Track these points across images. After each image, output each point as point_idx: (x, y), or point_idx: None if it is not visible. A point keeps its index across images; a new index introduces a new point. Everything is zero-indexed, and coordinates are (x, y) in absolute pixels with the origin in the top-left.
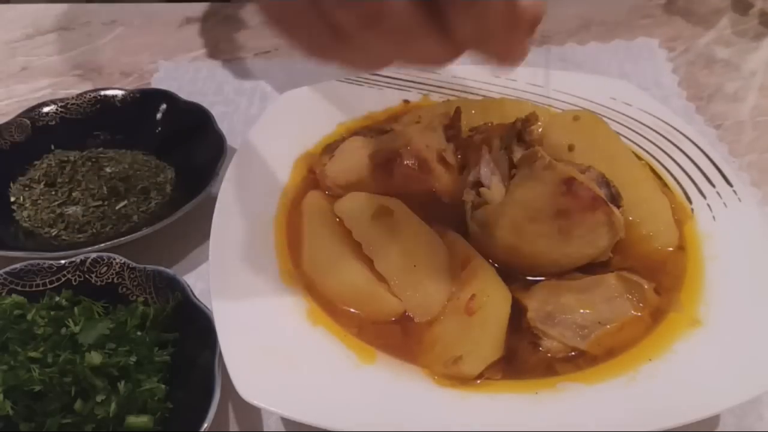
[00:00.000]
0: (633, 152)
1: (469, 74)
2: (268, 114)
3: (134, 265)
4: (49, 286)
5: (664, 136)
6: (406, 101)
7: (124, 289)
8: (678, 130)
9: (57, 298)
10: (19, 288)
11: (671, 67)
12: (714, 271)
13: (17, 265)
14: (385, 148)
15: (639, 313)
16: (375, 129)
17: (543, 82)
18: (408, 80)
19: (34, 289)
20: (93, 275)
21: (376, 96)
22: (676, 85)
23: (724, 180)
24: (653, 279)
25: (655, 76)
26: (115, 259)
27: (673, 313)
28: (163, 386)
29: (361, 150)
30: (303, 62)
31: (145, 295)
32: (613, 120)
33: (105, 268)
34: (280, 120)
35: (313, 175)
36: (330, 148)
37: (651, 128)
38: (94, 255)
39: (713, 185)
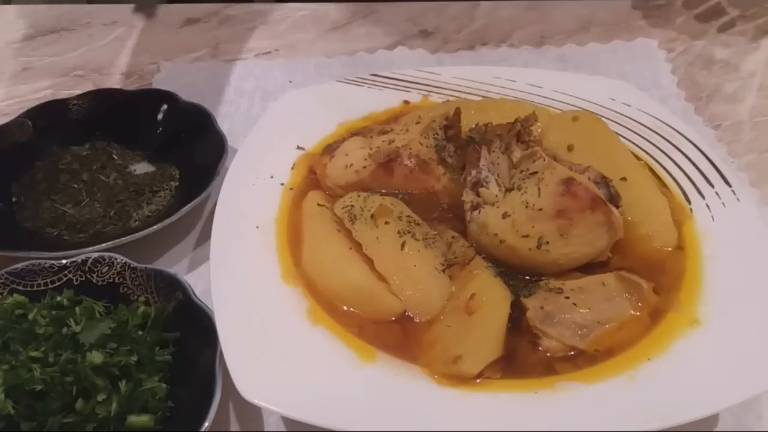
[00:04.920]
0: (632, 152)
1: (469, 75)
2: (269, 114)
3: (135, 265)
4: (50, 286)
5: (663, 137)
6: (407, 102)
7: (126, 289)
8: (677, 131)
9: (58, 298)
10: (20, 288)
11: (670, 68)
12: (713, 271)
13: (18, 265)
14: (385, 149)
15: (638, 313)
16: (375, 129)
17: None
18: (408, 81)
19: (35, 288)
20: (94, 275)
21: (376, 96)
22: (675, 86)
23: (723, 180)
24: (652, 279)
25: (654, 77)
26: (116, 259)
27: (672, 313)
28: (164, 385)
29: (361, 150)
30: (304, 63)
31: (146, 295)
32: (612, 120)
33: (106, 268)
34: (281, 120)
35: (313, 175)
36: (330, 148)
37: (650, 128)
38: (95, 255)
39: (712, 185)
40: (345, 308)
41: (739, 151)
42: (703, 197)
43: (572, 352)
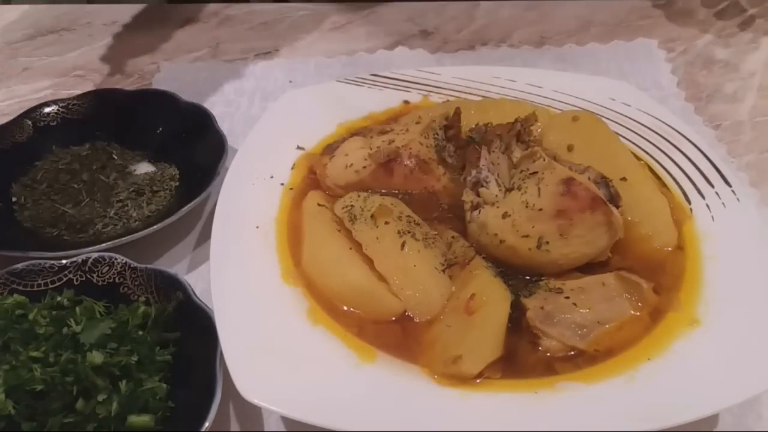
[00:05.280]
0: (632, 152)
1: (469, 75)
2: (269, 114)
3: (135, 264)
4: (50, 286)
5: (663, 137)
6: (407, 102)
7: (126, 289)
8: (677, 131)
9: (59, 298)
10: (20, 288)
11: (670, 68)
12: (713, 271)
13: (18, 265)
14: (385, 149)
15: (638, 313)
16: (375, 129)
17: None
18: (408, 81)
19: (35, 289)
20: (94, 275)
21: (376, 96)
22: (675, 86)
23: (723, 180)
24: (652, 279)
25: (654, 77)
26: (116, 258)
27: (672, 313)
28: (164, 385)
29: (361, 150)
30: (304, 63)
31: (147, 295)
32: (613, 120)
33: (106, 268)
34: (281, 120)
35: (313, 175)
36: (330, 148)
37: (650, 128)
38: (95, 255)
39: (712, 185)
40: (345, 308)
41: (739, 151)
42: (703, 197)
43: (572, 352)
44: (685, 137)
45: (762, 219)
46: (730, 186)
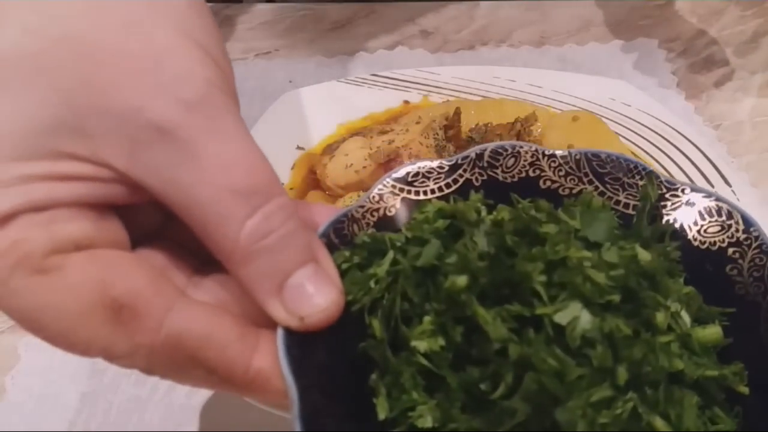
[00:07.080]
0: (632, 152)
1: (469, 75)
2: (269, 114)
3: (552, 151)
4: (446, 190)
5: (663, 137)
6: (407, 102)
7: (550, 183)
8: (677, 131)
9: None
10: (410, 196)
11: (670, 68)
12: None
13: (402, 168)
14: (385, 149)
15: None
16: (375, 129)
17: (542, 82)
18: (408, 81)
19: (425, 196)
20: (498, 170)
21: (376, 96)
22: (675, 86)
23: (723, 180)
24: None
25: (654, 77)
26: (521, 147)
27: None
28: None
29: (361, 150)
30: (304, 63)
31: (585, 186)
32: (613, 120)
33: (512, 160)
34: (281, 120)
35: (313, 175)
36: (330, 148)
37: (650, 128)
38: (492, 145)
39: (712, 185)
40: None
41: (740, 151)
42: None
43: None
44: (685, 137)
45: (763, 220)
46: (730, 186)
